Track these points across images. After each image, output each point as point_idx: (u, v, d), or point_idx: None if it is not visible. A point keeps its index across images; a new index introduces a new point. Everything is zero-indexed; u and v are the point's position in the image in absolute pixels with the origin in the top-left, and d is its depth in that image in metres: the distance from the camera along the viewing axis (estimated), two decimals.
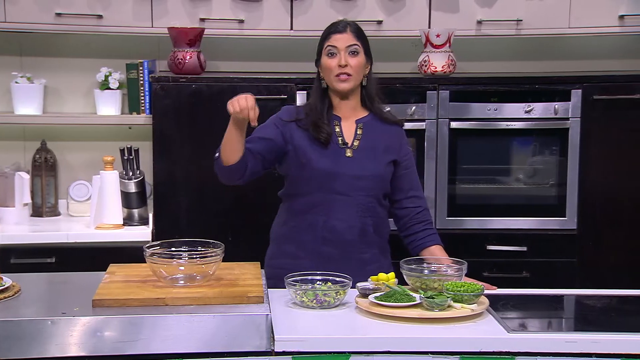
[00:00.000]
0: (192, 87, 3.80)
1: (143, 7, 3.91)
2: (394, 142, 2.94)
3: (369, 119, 2.94)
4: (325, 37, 2.88)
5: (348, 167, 2.85)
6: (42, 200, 4.06)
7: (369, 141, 2.90)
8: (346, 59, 2.83)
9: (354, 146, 2.89)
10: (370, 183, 2.87)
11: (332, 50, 2.84)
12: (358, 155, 2.88)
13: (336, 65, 2.83)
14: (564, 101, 3.89)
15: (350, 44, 2.84)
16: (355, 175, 2.85)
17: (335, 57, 2.84)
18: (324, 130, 2.85)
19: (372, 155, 2.89)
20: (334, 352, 2.29)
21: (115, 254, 3.34)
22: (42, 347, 2.23)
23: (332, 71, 2.84)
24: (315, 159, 2.84)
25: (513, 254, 3.93)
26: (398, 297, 2.47)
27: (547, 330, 2.55)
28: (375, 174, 2.88)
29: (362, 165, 2.87)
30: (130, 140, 4.03)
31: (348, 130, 2.91)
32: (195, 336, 2.27)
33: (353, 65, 2.84)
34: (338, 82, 2.85)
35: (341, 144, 2.88)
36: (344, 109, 2.92)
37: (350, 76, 2.84)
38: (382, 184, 2.90)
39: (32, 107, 4.03)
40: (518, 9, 4.01)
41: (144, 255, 2.55)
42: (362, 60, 2.87)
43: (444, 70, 3.95)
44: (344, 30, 2.86)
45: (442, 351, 2.30)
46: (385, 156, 2.91)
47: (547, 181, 4.01)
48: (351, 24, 2.89)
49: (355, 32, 2.87)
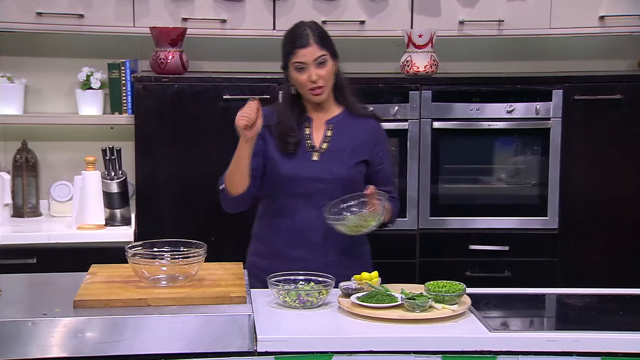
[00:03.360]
0: (175, 87, 3.79)
1: (125, 7, 3.89)
2: (367, 139, 2.92)
3: (341, 117, 2.92)
4: (290, 52, 2.83)
5: (311, 171, 2.84)
6: (23, 200, 4.03)
7: (338, 143, 2.87)
8: (316, 72, 2.79)
9: (321, 149, 2.87)
10: (333, 186, 2.83)
11: (300, 66, 2.80)
12: (325, 158, 2.86)
13: (307, 80, 2.80)
14: (545, 101, 3.91)
15: (317, 56, 2.80)
16: (317, 178, 2.83)
17: (304, 72, 2.80)
18: (290, 142, 2.83)
19: (339, 157, 2.86)
20: (316, 352, 2.29)
21: (97, 255, 3.33)
22: (23, 348, 2.22)
23: (304, 86, 2.82)
24: (281, 164, 2.84)
25: (495, 254, 3.95)
26: (380, 298, 2.48)
27: (529, 329, 2.57)
28: (338, 178, 2.84)
29: (327, 168, 2.84)
30: (113, 140, 4.01)
31: (318, 132, 2.89)
32: (178, 337, 2.27)
33: (324, 76, 2.81)
34: (312, 96, 2.84)
35: (309, 147, 2.86)
36: (317, 111, 2.91)
37: (323, 87, 2.83)
38: (346, 187, 2.84)
39: (13, 107, 4.01)
40: (500, 9, 4.03)
41: (126, 256, 2.53)
42: (330, 66, 2.84)
43: (426, 70, 3.96)
44: (308, 43, 2.80)
45: (425, 351, 2.30)
46: (353, 157, 2.88)
47: (528, 181, 4.03)
48: (314, 32, 2.83)
49: (319, 41, 2.82)
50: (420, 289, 2.55)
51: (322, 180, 2.82)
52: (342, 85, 2.93)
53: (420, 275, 3.87)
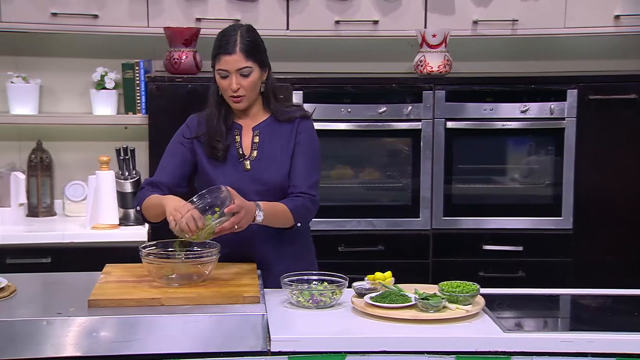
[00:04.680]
0: (188, 87, 3.79)
1: (139, 7, 3.90)
2: (290, 141, 2.79)
3: (267, 122, 2.81)
4: (215, 57, 2.73)
5: (246, 184, 2.72)
6: (37, 200, 4.05)
7: (266, 149, 2.78)
8: (238, 81, 2.69)
9: (252, 157, 2.77)
10: (270, 196, 2.73)
11: (224, 74, 2.70)
12: (256, 165, 2.76)
13: (228, 88, 2.71)
14: (559, 101, 3.89)
15: (240, 67, 2.69)
16: (253, 190, 2.72)
17: (226, 79, 2.71)
18: (219, 149, 2.75)
19: (270, 164, 2.76)
20: (330, 352, 2.29)
21: (111, 254, 3.34)
22: (38, 347, 2.23)
23: (225, 92, 2.74)
24: (215, 177, 2.73)
25: (509, 254, 3.94)
26: (393, 298, 2.47)
27: (543, 329, 2.55)
28: (271, 187, 2.74)
29: (260, 178, 2.74)
30: (126, 140, 4.02)
31: (247, 139, 2.79)
32: (191, 336, 2.27)
33: (245, 86, 2.71)
34: (232, 103, 2.76)
35: (239, 156, 2.77)
36: (244, 117, 2.81)
37: (244, 96, 2.72)
38: (283, 193, 2.76)
39: (28, 107, 4.03)
40: (514, 9, 4.01)
41: (140, 255, 2.54)
42: (256, 77, 2.72)
43: (439, 70, 3.95)
44: (233, 50, 2.68)
45: (438, 351, 2.30)
46: (284, 163, 2.77)
47: (542, 181, 4.01)
48: (243, 39, 2.70)
49: (245, 50, 2.69)
50: (434, 289, 2.54)
51: (258, 193, 2.72)
52: (269, 93, 2.81)
53: (433, 276, 3.87)
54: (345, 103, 3.87)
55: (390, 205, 3.97)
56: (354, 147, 3.99)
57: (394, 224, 3.92)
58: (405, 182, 3.95)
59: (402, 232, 3.93)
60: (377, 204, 3.98)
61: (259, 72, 2.74)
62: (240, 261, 2.73)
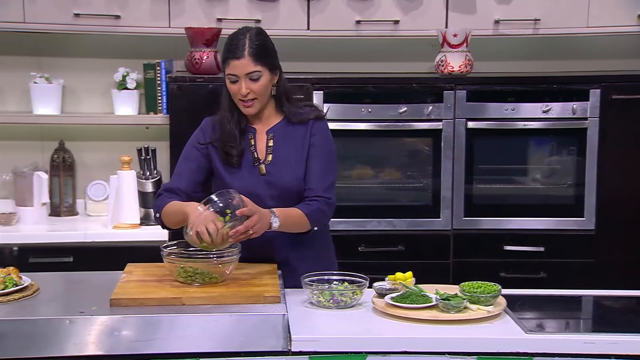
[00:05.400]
0: (209, 87, 3.80)
1: (160, 7, 3.92)
2: (304, 143, 2.77)
3: (280, 125, 2.80)
4: (224, 61, 2.71)
5: (262, 188, 2.71)
6: (60, 199, 4.08)
7: (281, 152, 2.76)
8: (247, 85, 2.68)
9: (267, 161, 2.76)
10: (285, 200, 2.71)
11: (233, 78, 2.69)
12: (272, 169, 2.74)
13: (238, 92, 2.69)
14: (582, 101, 3.86)
15: (249, 71, 2.66)
16: (269, 195, 2.71)
17: (236, 84, 2.69)
18: (233, 155, 2.74)
19: (285, 168, 2.74)
20: (350, 352, 2.28)
21: (132, 254, 3.35)
22: (60, 345, 2.25)
23: (235, 96, 2.73)
24: (231, 182, 2.72)
25: (530, 255, 3.91)
26: (414, 299, 2.47)
27: (565, 331, 2.54)
28: (287, 192, 2.72)
29: (275, 183, 2.73)
30: (148, 140, 4.04)
31: (261, 143, 2.78)
32: (212, 336, 2.28)
33: (255, 90, 2.69)
34: (243, 108, 2.75)
35: (254, 160, 2.76)
36: (257, 120, 2.80)
37: (254, 100, 2.71)
38: (299, 197, 2.73)
39: (51, 107, 4.06)
40: (536, 8, 3.98)
41: (161, 255, 2.56)
42: (266, 81, 2.70)
43: (461, 70, 3.94)
44: (242, 55, 2.65)
45: (459, 352, 2.29)
46: (299, 166, 2.75)
47: (564, 181, 3.99)
48: (251, 43, 2.67)
49: (254, 54, 2.66)
50: (455, 290, 2.53)
51: (273, 197, 2.72)
52: (281, 95, 2.78)
53: (454, 276, 3.85)
54: (365, 103, 3.86)
55: (411, 205, 3.96)
56: (375, 147, 3.98)
57: (414, 224, 3.91)
58: (426, 182, 3.94)
59: (423, 232, 3.91)
60: (397, 204, 3.97)
61: (269, 75, 2.72)
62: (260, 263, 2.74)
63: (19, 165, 4.04)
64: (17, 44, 4.13)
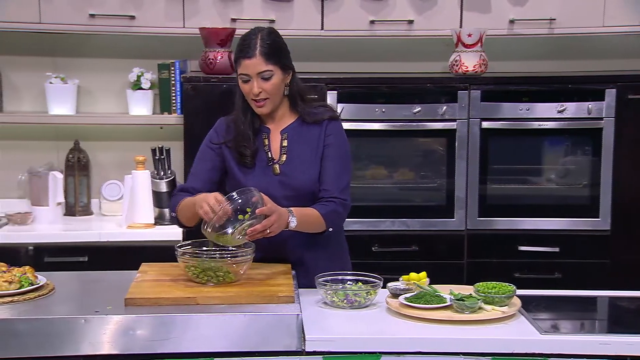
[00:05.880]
0: (223, 87, 3.81)
1: (175, 8, 3.93)
2: (319, 144, 2.77)
3: (294, 125, 2.79)
4: (236, 61, 2.72)
5: (276, 188, 2.71)
6: (75, 199, 4.10)
7: (295, 152, 2.76)
8: (259, 84, 2.68)
9: (281, 161, 2.76)
10: (299, 200, 2.71)
11: (245, 78, 2.69)
12: (286, 169, 2.74)
13: (250, 92, 2.70)
14: (597, 101, 3.84)
15: (260, 70, 2.66)
16: (283, 195, 2.70)
17: (248, 83, 2.69)
18: (246, 155, 2.74)
19: (299, 168, 2.74)
20: (364, 352, 2.28)
21: (147, 253, 3.36)
22: (75, 345, 2.26)
23: (248, 96, 2.73)
24: (245, 182, 2.70)
25: (545, 255, 3.90)
26: (428, 299, 2.46)
27: (580, 331, 2.52)
28: (301, 192, 2.72)
29: (289, 183, 2.73)
30: (162, 140, 4.06)
31: (275, 143, 2.78)
32: (226, 335, 2.28)
33: (267, 89, 2.69)
34: (255, 107, 2.75)
35: (268, 160, 2.76)
36: (271, 120, 2.80)
37: (266, 100, 2.71)
38: (313, 197, 2.74)
39: (66, 107, 4.07)
40: (551, 7, 3.97)
41: (176, 255, 2.56)
42: (278, 80, 2.70)
43: (475, 70, 3.93)
44: (253, 54, 2.66)
45: (474, 352, 2.29)
46: (313, 166, 2.75)
47: (579, 181, 3.97)
48: (263, 42, 2.67)
49: (265, 53, 2.66)
50: (469, 290, 2.53)
51: (287, 197, 2.71)
52: (295, 95, 2.78)
53: (468, 276, 3.84)
54: (379, 103, 3.86)
55: (425, 205, 3.96)
56: (389, 147, 3.97)
57: (428, 225, 3.90)
58: (440, 183, 3.93)
59: (437, 232, 3.91)
60: (411, 204, 3.96)
61: (281, 75, 2.72)
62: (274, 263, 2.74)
63: (34, 165, 4.06)
64: (33, 44, 4.15)
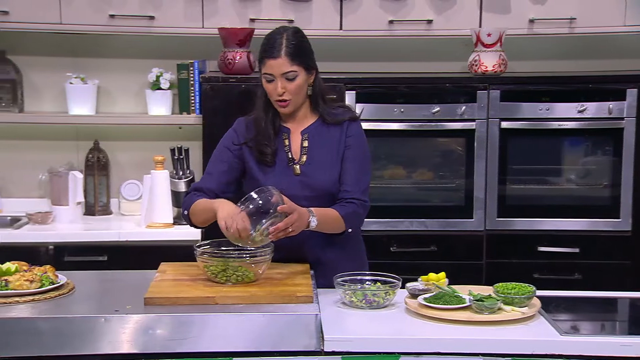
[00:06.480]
0: (242, 87, 3.82)
1: (194, 8, 3.94)
2: (340, 145, 2.77)
3: (315, 125, 2.79)
4: (260, 60, 2.72)
5: (297, 188, 2.70)
6: (94, 199, 4.12)
7: (316, 153, 2.76)
8: (283, 85, 2.68)
9: (301, 161, 2.76)
10: (319, 201, 2.70)
11: (269, 78, 2.69)
12: (306, 170, 2.74)
13: (274, 92, 2.70)
14: (618, 100, 3.82)
15: (285, 71, 2.66)
16: (303, 195, 2.70)
17: (272, 83, 2.69)
18: (267, 154, 2.74)
19: (320, 169, 2.74)
20: (383, 352, 2.28)
21: (166, 253, 3.37)
22: (95, 343, 2.27)
23: (271, 96, 2.72)
24: (265, 182, 2.70)
25: (565, 256, 3.87)
26: (447, 299, 2.45)
27: (601, 333, 2.51)
28: (321, 193, 2.72)
29: (310, 184, 2.73)
30: (181, 140, 4.07)
31: (296, 144, 2.78)
32: (245, 335, 2.28)
33: (291, 90, 2.69)
34: (278, 107, 2.75)
35: (289, 160, 2.76)
36: (291, 120, 2.80)
37: (290, 100, 2.71)
38: (332, 198, 2.73)
39: (86, 107, 4.10)
40: (571, 7, 3.94)
41: (195, 254, 2.57)
42: (301, 81, 2.70)
43: (494, 69, 3.91)
44: (278, 54, 2.66)
45: (493, 353, 2.27)
46: (334, 167, 2.75)
47: (600, 182, 3.94)
48: (288, 42, 2.68)
49: (290, 54, 2.67)
50: (488, 291, 2.51)
51: (307, 198, 2.70)
52: (316, 96, 2.78)
53: (487, 277, 3.83)
54: (398, 103, 3.85)
55: (443, 205, 3.94)
56: (407, 147, 3.97)
57: (446, 225, 3.89)
58: (459, 183, 3.92)
59: (455, 232, 3.89)
60: (430, 204, 3.95)
61: (305, 75, 2.72)
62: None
63: (54, 164, 4.08)
64: (54, 44, 4.18)
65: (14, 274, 2.48)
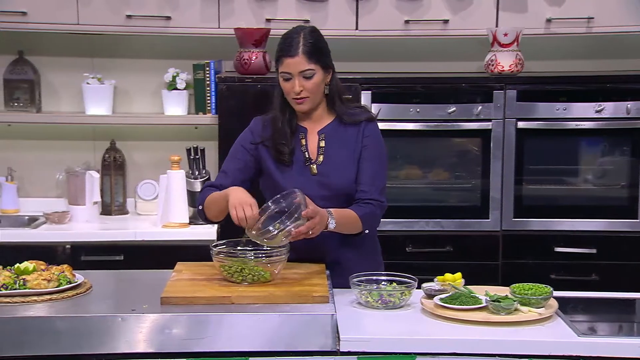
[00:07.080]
0: (258, 87, 3.82)
1: (210, 8, 3.95)
2: (357, 145, 2.77)
3: (332, 125, 2.79)
4: (278, 59, 2.72)
5: (313, 188, 2.69)
6: (111, 198, 4.14)
7: (332, 153, 2.76)
8: (301, 83, 2.68)
9: (318, 161, 2.76)
10: (336, 201, 2.71)
11: (286, 76, 2.70)
12: (323, 170, 2.75)
13: (291, 90, 2.70)
14: (636, 100, 3.79)
15: (302, 69, 2.67)
16: (320, 195, 2.69)
17: (289, 81, 2.70)
18: (284, 153, 2.74)
19: (337, 169, 2.74)
20: (399, 352, 2.27)
21: (182, 252, 3.39)
22: (112, 343, 2.28)
23: (288, 94, 2.72)
24: (281, 181, 2.72)
25: (582, 256, 3.85)
26: (464, 300, 2.44)
27: (619, 334, 2.49)
28: (338, 193, 2.73)
29: (327, 184, 2.73)
30: (197, 140, 4.08)
31: (312, 143, 2.78)
32: (261, 334, 2.29)
33: (309, 88, 2.69)
34: (296, 105, 2.75)
35: (306, 160, 2.76)
36: (308, 120, 2.80)
37: (306, 98, 2.71)
38: (349, 199, 2.73)
39: (103, 107, 4.12)
40: (589, 6, 3.92)
41: (211, 254, 2.57)
42: (319, 79, 2.71)
43: (511, 69, 3.90)
44: (296, 53, 2.67)
45: (510, 354, 2.27)
46: (351, 167, 2.75)
47: (617, 182, 3.92)
48: (305, 41, 2.69)
49: (308, 52, 2.68)
50: (505, 292, 2.51)
51: (324, 197, 2.70)
52: (334, 95, 2.78)
53: (503, 278, 3.81)
54: (414, 103, 3.85)
55: (459, 206, 3.93)
56: (423, 147, 3.96)
57: (462, 225, 3.88)
58: (475, 183, 3.91)
59: (471, 233, 3.88)
60: (445, 204, 3.94)
61: (322, 74, 2.73)
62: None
63: (71, 164, 4.11)
64: (71, 45, 4.20)
65: (32, 273, 2.49)
